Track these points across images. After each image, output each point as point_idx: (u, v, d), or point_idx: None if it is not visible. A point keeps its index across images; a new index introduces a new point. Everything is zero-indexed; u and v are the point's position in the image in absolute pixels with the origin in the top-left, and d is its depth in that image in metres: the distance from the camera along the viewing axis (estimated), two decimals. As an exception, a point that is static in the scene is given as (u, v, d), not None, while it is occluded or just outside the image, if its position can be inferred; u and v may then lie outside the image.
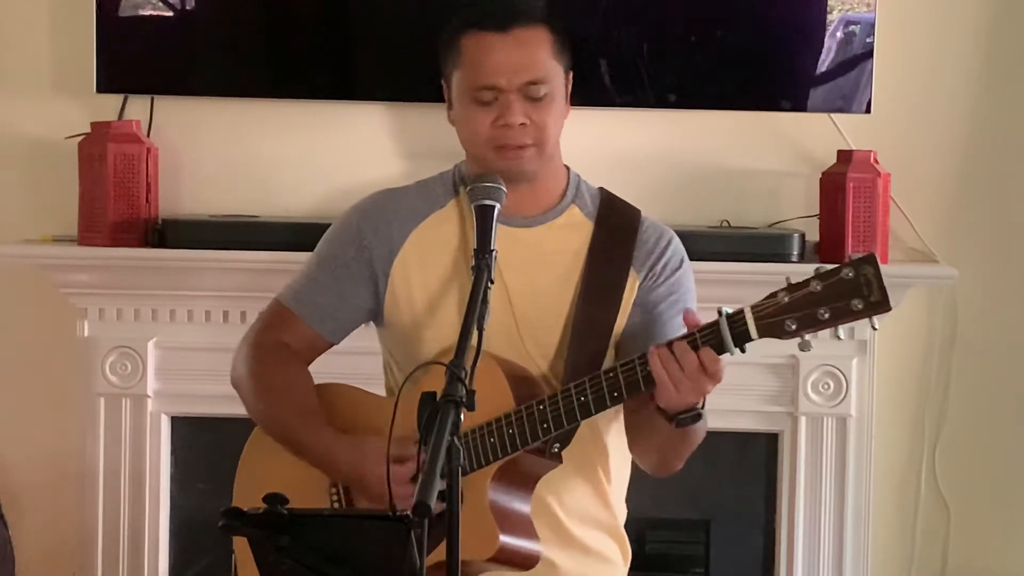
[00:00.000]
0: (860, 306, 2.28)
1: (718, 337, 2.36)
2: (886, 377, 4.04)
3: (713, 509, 4.08)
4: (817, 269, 2.31)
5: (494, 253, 2.46)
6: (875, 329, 2.32)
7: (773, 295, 2.33)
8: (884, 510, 4.08)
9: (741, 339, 2.35)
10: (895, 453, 4.10)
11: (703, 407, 2.43)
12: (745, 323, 2.34)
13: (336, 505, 2.64)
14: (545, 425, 2.47)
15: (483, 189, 2.54)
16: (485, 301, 2.38)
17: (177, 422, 4.06)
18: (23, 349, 4.14)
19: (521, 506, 2.55)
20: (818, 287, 2.30)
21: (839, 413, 3.97)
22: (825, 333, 3.88)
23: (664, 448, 2.56)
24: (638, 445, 2.62)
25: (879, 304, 2.28)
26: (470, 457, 2.49)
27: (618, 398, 2.44)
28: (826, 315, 2.29)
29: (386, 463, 2.40)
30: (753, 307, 2.34)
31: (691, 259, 2.73)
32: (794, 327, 2.31)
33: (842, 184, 3.87)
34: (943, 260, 4.01)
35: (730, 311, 2.35)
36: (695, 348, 2.37)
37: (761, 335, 2.34)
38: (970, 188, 4.07)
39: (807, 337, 2.33)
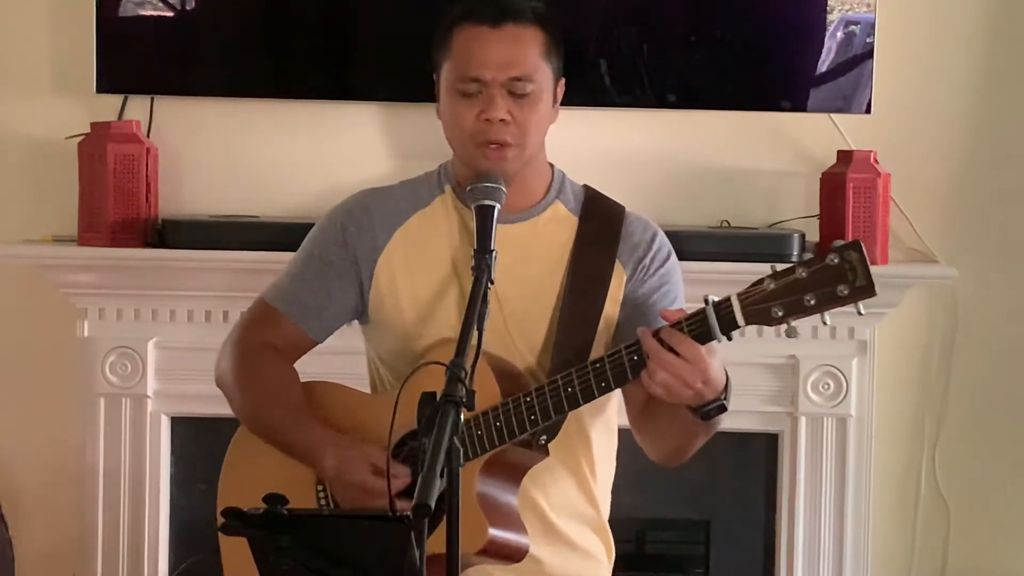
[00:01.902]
0: (845, 292, 2.28)
1: (705, 324, 2.36)
2: (886, 377, 4.04)
3: (713, 509, 4.08)
4: (802, 257, 2.32)
5: (494, 253, 2.47)
6: (861, 314, 2.31)
7: (759, 282, 2.34)
8: (884, 510, 4.08)
9: (728, 326, 2.35)
10: (895, 453, 4.10)
11: (728, 398, 2.43)
12: (732, 310, 2.34)
13: (323, 502, 2.64)
14: (533, 417, 2.48)
15: (483, 189, 2.55)
16: (485, 301, 2.38)
17: (177, 422, 4.06)
18: (23, 349, 4.14)
19: (509, 499, 2.55)
20: (803, 274, 2.30)
21: (839, 413, 3.97)
22: (824, 332, 3.91)
23: (682, 439, 2.56)
24: (652, 436, 2.62)
25: (864, 289, 2.28)
26: None
27: (605, 388, 2.45)
28: (812, 301, 2.30)
29: (385, 466, 2.41)
30: (740, 294, 2.35)
31: (690, 259, 2.74)
32: (780, 314, 2.32)
33: (842, 184, 3.87)
34: (943, 260, 4.01)
35: (716, 299, 2.36)
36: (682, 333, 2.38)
37: (748, 322, 2.34)
38: (970, 188, 4.07)
39: (793, 324, 2.33)
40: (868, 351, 3.97)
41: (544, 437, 2.55)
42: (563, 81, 2.67)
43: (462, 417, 2.17)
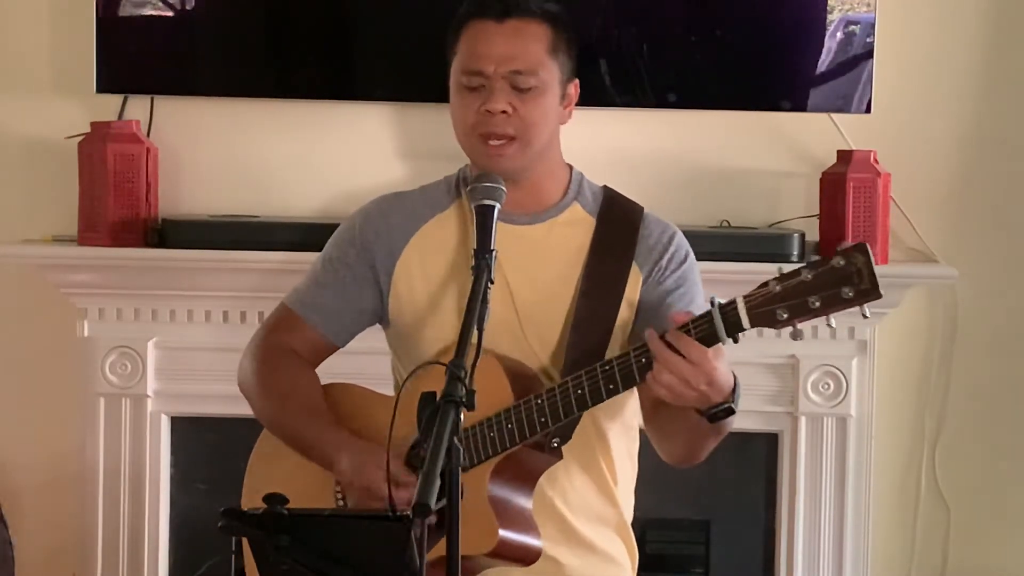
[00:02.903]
0: (851, 294, 2.28)
1: (711, 326, 2.36)
2: (886, 377, 4.04)
3: (713, 509, 4.08)
4: (809, 259, 2.32)
5: (494, 253, 2.47)
6: (866, 317, 2.31)
7: (765, 284, 2.33)
8: (884, 510, 4.08)
9: (734, 328, 2.35)
10: (895, 453, 4.10)
11: (736, 401, 2.43)
12: (737, 312, 2.34)
13: (340, 504, 2.64)
14: (543, 419, 2.48)
15: (483, 189, 2.55)
16: (485, 301, 2.38)
17: (177, 422, 4.06)
18: (23, 349, 4.14)
19: (522, 501, 2.55)
20: (809, 276, 2.30)
21: (839, 413, 3.97)
22: (824, 332, 3.91)
23: (693, 441, 2.56)
24: (663, 438, 2.61)
25: (869, 292, 2.27)
26: (470, 452, 2.50)
27: (613, 390, 2.45)
28: (817, 304, 2.29)
29: (383, 464, 2.40)
30: (745, 297, 2.34)
31: (690, 259, 2.73)
32: (785, 316, 2.31)
33: (842, 184, 3.87)
34: (943, 260, 4.01)
35: (722, 301, 2.36)
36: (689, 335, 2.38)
37: (753, 324, 2.33)
38: (970, 188, 4.07)
39: (799, 326, 2.33)
40: (868, 351, 3.97)
41: (557, 440, 2.55)
42: (576, 82, 2.67)
43: (463, 419, 2.16)
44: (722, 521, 4.08)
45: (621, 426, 2.69)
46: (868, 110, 3.95)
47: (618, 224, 2.66)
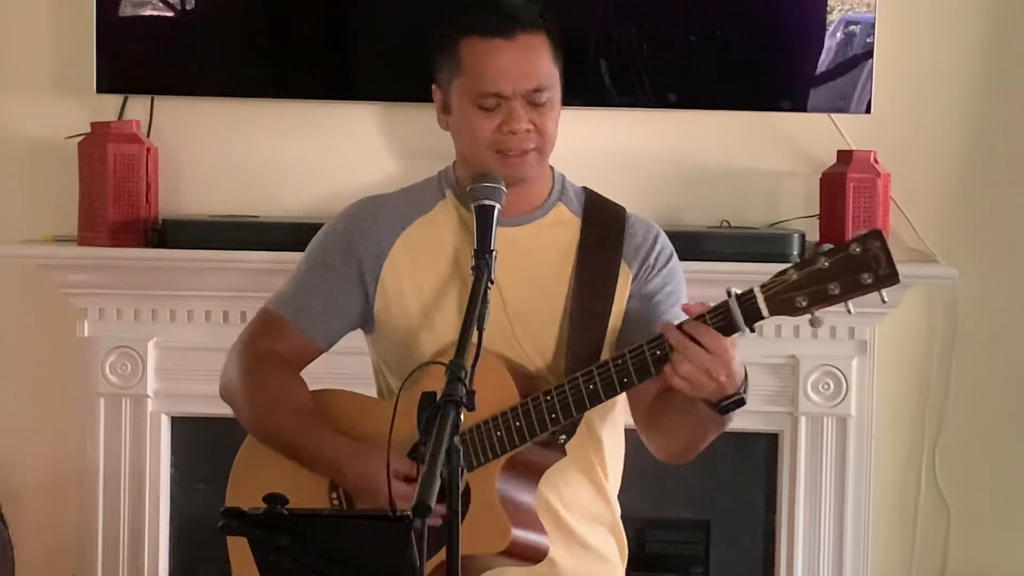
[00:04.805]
0: (870, 280, 2.30)
1: (728, 316, 2.36)
2: (886, 377, 4.04)
3: (713, 509, 4.08)
4: (819, 247, 2.32)
5: (494, 253, 2.46)
6: (884, 302, 2.33)
7: (782, 273, 2.34)
8: (884, 510, 4.08)
9: (752, 317, 2.35)
10: (895, 453, 4.10)
11: (745, 391, 2.43)
12: (755, 301, 2.34)
13: (335, 505, 2.63)
14: (553, 415, 2.48)
15: (483, 189, 2.54)
16: (485, 301, 2.38)
17: (177, 422, 4.07)
18: (23, 349, 4.14)
19: (528, 499, 2.56)
20: (826, 263, 2.31)
21: (839, 413, 3.97)
22: (824, 332, 3.91)
23: (695, 434, 2.56)
24: (662, 433, 2.61)
25: (888, 277, 2.31)
26: (477, 452, 2.50)
27: (627, 383, 2.45)
28: (836, 290, 2.31)
29: (386, 465, 2.40)
30: (762, 286, 2.35)
31: (691, 259, 2.74)
32: (805, 303, 2.32)
33: (842, 184, 3.87)
34: (943, 260, 4.01)
35: (739, 291, 2.36)
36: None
37: (772, 312, 2.34)
38: (970, 188, 4.07)
39: (817, 313, 2.33)
40: (868, 351, 3.97)
41: (563, 436, 2.55)
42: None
43: (470, 418, 2.16)
44: (722, 521, 4.08)
45: (611, 425, 2.69)
46: (868, 110, 3.95)
47: (604, 224, 2.66)
